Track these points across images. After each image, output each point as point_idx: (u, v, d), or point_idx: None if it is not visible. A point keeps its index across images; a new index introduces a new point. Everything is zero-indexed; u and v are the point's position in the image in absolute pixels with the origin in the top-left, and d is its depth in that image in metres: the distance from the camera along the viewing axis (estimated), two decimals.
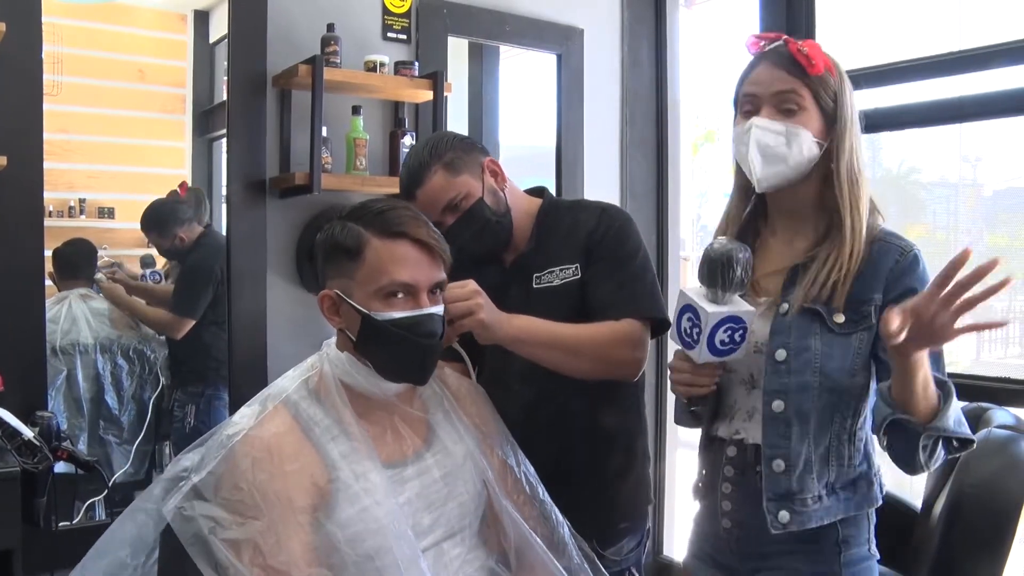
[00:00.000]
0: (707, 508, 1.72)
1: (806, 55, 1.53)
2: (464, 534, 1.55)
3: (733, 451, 1.64)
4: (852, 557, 1.58)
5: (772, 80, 1.56)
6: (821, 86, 1.55)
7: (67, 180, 3.15)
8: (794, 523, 1.54)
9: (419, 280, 1.46)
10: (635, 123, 3.62)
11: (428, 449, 1.56)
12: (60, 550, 2.18)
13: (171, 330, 3.13)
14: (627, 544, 1.97)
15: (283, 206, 2.83)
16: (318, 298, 1.53)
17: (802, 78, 1.55)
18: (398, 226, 1.46)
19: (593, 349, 1.80)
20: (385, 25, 3.02)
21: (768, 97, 1.56)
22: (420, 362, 1.50)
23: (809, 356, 1.54)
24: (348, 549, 1.38)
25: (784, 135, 1.54)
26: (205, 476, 1.37)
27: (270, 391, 1.53)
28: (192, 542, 1.33)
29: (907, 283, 1.53)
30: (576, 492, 1.78)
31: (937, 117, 2.78)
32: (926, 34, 2.98)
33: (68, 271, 3.03)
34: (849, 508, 1.58)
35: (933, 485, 2.13)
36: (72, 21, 3.08)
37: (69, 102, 3.02)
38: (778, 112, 1.55)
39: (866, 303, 1.54)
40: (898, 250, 1.56)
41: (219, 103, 3.34)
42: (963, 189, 3.50)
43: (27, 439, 2.03)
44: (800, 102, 1.55)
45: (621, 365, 1.85)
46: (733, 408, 1.66)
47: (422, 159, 1.88)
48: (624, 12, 3.60)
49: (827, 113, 1.57)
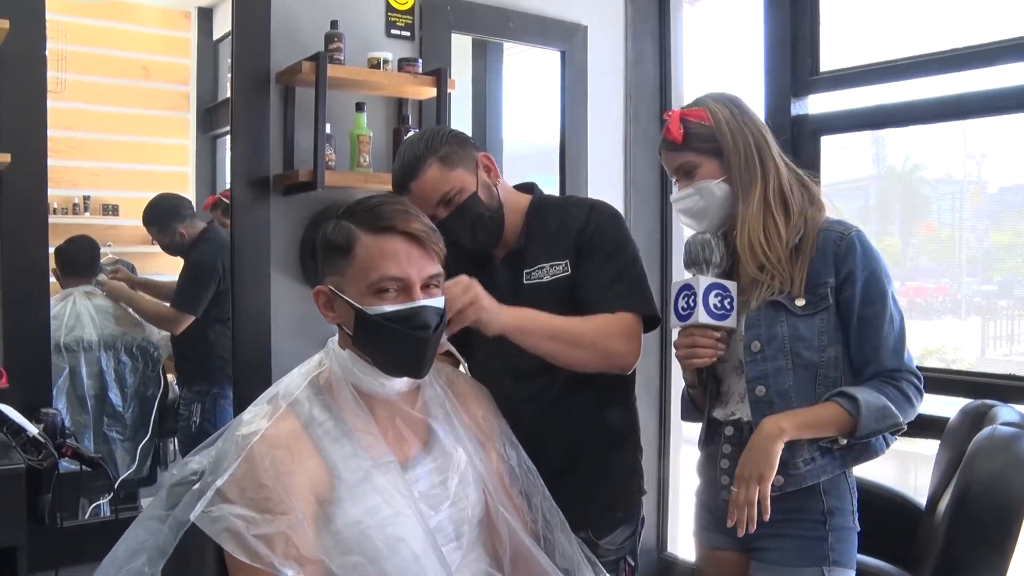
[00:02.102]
0: (708, 482, 1.95)
1: (668, 129, 1.86)
2: (463, 539, 1.55)
3: (730, 431, 1.87)
4: (836, 524, 1.78)
5: (668, 161, 1.91)
6: (697, 142, 1.85)
7: (71, 177, 3.16)
8: (790, 484, 1.75)
9: (410, 273, 1.45)
10: (639, 120, 3.62)
11: (429, 453, 1.55)
12: (64, 547, 2.19)
13: (171, 325, 3.14)
14: (622, 533, 1.99)
15: (287, 203, 2.83)
16: (312, 293, 1.54)
17: (679, 149, 1.86)
18: (387, 220, 1.46)
19: (593, 341, 1.83)
20: (389, 22, 3.02)
21: (673, 173, 1.91)
22: (416, 355, 1.49)
23: (778, 342, 1.78)
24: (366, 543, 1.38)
25: (695, 194, 1.85)
26: (227, 479, 1.37)
27: (277, 389, 1.53)
28: (225, 538, 1.32)
29: (847, 267, 1.76)
30: (570, 485, 1.79)
31: (942, 114, 2.78)
32: (930, 30, 2.97)
33: (71, 268, 3.04)
34: (847, 462, 1.79)
35: (938, 482, 2.13)
36: (76, 18, 3.09)
37: (73, 99, 3.03)
38: (684, 179, 1.88)
39: (821, 286, 1.77)
40: (838, 235, 1.78)
41: (223, 100, 3.34)
42: (968, 186, 3.49)
43: (32, 436, 2.03)
44: (690, 165, 1.86)
45: (618, 357, 1.87)
46: (728, 394, 1.89)
47: (417, 151, 1.88)
48: (628, 9, 3.59)
49: (717, 154, 1.84)
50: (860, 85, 2.95)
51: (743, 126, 1.85)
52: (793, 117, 3.04)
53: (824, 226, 1.81)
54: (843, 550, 1.78)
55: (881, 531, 1.84)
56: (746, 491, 1.70)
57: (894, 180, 3.68)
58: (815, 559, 1.77)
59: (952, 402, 2.42)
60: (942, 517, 1.93)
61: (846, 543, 1.79)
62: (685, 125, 1.85)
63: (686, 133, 1.85)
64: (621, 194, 3.60)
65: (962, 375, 2.74)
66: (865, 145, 3.57)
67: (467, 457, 1.58)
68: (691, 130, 1.85)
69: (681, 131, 1.84)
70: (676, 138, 1.84)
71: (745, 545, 1.84)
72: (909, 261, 3.68)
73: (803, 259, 1.79)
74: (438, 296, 1.51)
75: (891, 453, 1.80)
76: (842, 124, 3.05)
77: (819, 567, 1.76)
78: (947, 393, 2.57)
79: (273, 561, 1.31)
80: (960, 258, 3.57)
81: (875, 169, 3.69)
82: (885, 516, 1.78)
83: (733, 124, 1.84)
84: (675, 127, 1.85)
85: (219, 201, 3.23)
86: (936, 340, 3.66)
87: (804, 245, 1.80)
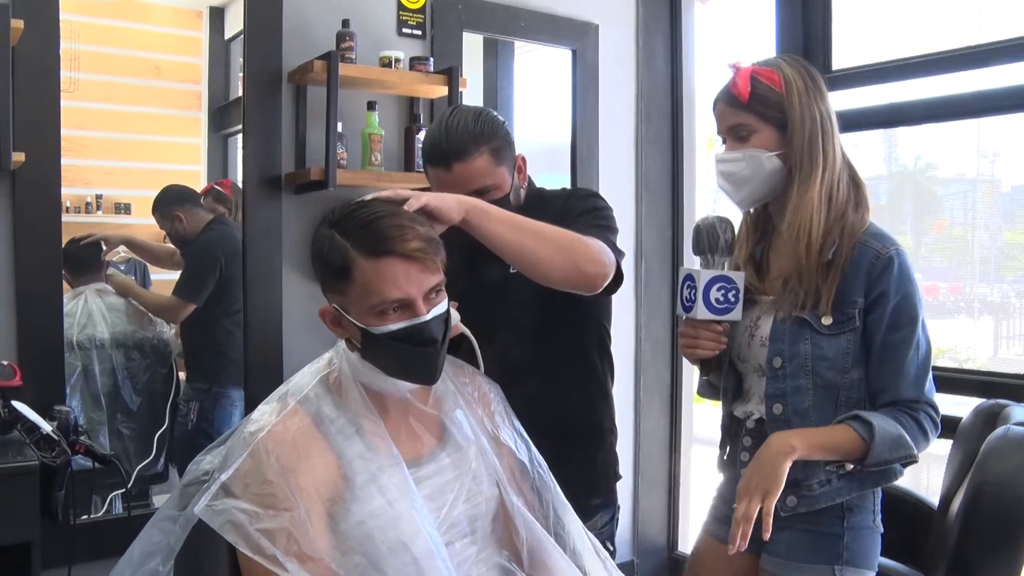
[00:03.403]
0: (729, 478, 1.91)
1: (737, 85, 1.71)
2: (477, 534, 1.55)
3: (752, 424, 1.82)
4: (855, 523, 1.72)
5: (721, 117, 1.77)
6: (762, 106, 1.71)
7: (83, 176, 3.17)
8: (802, 506, 1.72)
9: (411, 293, 1.42)
10: (650, 119, 3.62)
11: (443, 448, 1.55)
12: (78, 544, 2.20)
13: (173, 314, 3.14)
14: (600, 519, 2.02)
15: (298, 202, 2.83)
16: (319, 312, 1.53)
17: (742, 107, 1.72)
18: (383, 243, 1.41)
19: (559, 239, 1.69)
20: (400, 21, 3.02)
21: (725, 132, 1.77)
22: (425, 368, 1.49)
23: (800, 361, 1.71)
24: (368, 545, 1.38)
25: (742, 159, 1.72)
26: (232, 474, 1.37)
27: (288, 388, 1.53)
28: (227, 529, 1.33)
29: (880, 287, 1.67)
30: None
31: (955, 112, 2.77)
32: (943, 29, 2.96)
33: (77, 268, 3.05)
34: (864, 485, 1.72)
35: (951, 482, 2.13)
36: (89, 18, 3.09)
37: (85, 98, 3.04)
38: (735, 141, 1.74)
39: (850, 305, 1.68)
40: (874, 253, 1.68)
41: (235, 99, 3.35)
42: (981, 185, 3.48)
43: (45, 433, 2.04)
44: (747, 128, 1.72)
45: (590, 263, 1.72)
46: (749, 392, 1.85)
47: (472, 133, 1.80)
48: (639, 7, 3.59)
49: (780, 125, 1.71)
50: (873, 83, 2.94)
51: (814, 102, 1.71)
52: None
53: (862, 240, 1.69)
54: (859, 550, 1.72)
55: (893, 531, 1.83)
56: (747, 506, 1.61)
57: (905, 179, 3.67)
58: (827, 557, 1.71)
59: (965, 402, 2.41)
60: (955, 517, 1.93)
61: (864, 543, 1.73)
62: (754, 84, 1.71)
63: (753, 93, 1.70)
64: (632, 193, 3.60)
65: (975, 375, 2.73)
66: (877, 144, 3.56)
67: (480, 452, 1.58)
68: (759, 91, 1.71)
69: (749, 90, 1.70)
70: (741, 94, 1.70)
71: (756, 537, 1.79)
72: (921, 260, 3.67)
73: (835, 273, 1.69)
74: (442, 302, 1.49)
75: None
76: (855, 123, 3.03)
77: (831, 565, 1.70)
78: (960, 393, 2.57)
79: (276, 554, 1.31)
80: (973, 257, 3.56)
81: (886, 168, 3.68)
82: (897, 516, 1.76)
83: (805, 99, 1.70)
84: (743, 84, 1.70)
85: (212, 189, 3.24)
86: (949, 339, 3.65)
87: (838, 259, 1.69)
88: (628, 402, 3.58)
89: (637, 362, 3.60)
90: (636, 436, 3.64)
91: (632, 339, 3.58)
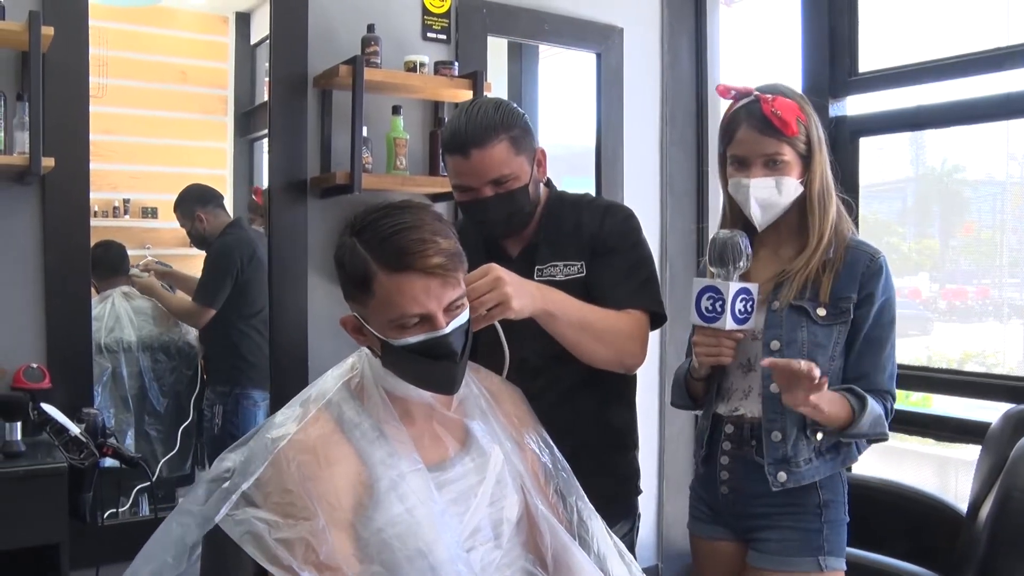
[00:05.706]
0: (706, 476, 1.99)
1: (780, 118, 1.79)
2: (502, 538, 1.54)
3: (731, 428, 1.91)
4: (831, 517, 1.86)
5: (756, 143, 1.83)
6: (797, 139, 1.82)
7: (111, 181, 3.20)
8: (791, 481, 1.83)
9: (431, 308, 1.42)
10: (675, 122, 3.61)
11: (467, 453, 1.55)
12: (105, 544, 2.22)
13: (194, 319, 3.17)
14: (620, 530, 1.98)
15: (324, 206, 2.85)
16: (341, 322, 1.53)
17: (780, 138, 1.81)
18: (404, 258, 1.40)
19: (614, 338, 1.83)
20: (425, 25, 3.03)
21: (756, 158, 1.83)
22: (443, 379, 1.49)
23: (798, 346, 1.83)
24: (386, 553, 1.38)
25: (775, 187, 1.83)
26: (253, 484, 1.38)
27: (311, 392, 1.53)
28: (247, 540, 1.33)
29: (870, 288, 1.82)
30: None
31: (984, 114, 2.74)
32: (971, 30, 2.94)
33: (103, 272, 3.08)
34: (835, 466, 1.87)
35: (979, 488, 2.11)
36: (117, 24, 3.13)
37: (113, 104, 3.07)
38: (765, 168, 1.83)
39: (844, 300, 1.83)
40: (868, 256, 1.84)
41: (260, 104, 3.37)
42: (1010, 187, 3.44)
43: (74, 435, 2.05)
44: (783, 158, 1.82)
45: (630, 356, 1.88)
46: (730, 390, 1.93)
47: (492, 120, 1.80)
48: (664, 10, 3.58)
49: (803, 156, 1.84)
50: (900, 86, 2.92)
51: (823, 129, 1.87)
52: (831, 119, 3.01)
53: (851, 244, 1.86)
54: (836, 541, 1.86)
55: (922, 537, 1.82)
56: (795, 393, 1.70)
57: (933, 181, 3.63)
58: (811, 550, 1.84)
59: (993, 407, 2.39)
60: (984, 524, 1.91)
61: (838, 534, 1.87)
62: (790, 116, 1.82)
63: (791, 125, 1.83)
64: (657, 196, 3.59)
65: (1004, 379, 2.70)
66: (904, 147, 3.53)
67: (504, 456, 1.58)
68: (800, 127, 1.83)
69: (794, 125, 1.81)
70: (793, 132, 1.80)
71: (743, 536, 1.92)
72: (949, 263, 3.63)
73: (830, 272, 1.83)
74: (463, 313, 1.49)
75: (930, 458, 1.81)
76: (882, 125, 3.02)
77: (815, 557, 1.84)
78: (988, 398, 2.54)
79: (292, 565, 1.30)
80: (1002, 260, 3.51)
81: (913, 170, 3.65)
82: (926, 522, 1.76)
83: (821, 130, 1.86)
84: (794, 121, 1.81)
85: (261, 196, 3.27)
86: (977, 344, 3.60)
87: (835, 259, 1.84)
88: (653, 406, 3.57)
89: (662, 366, 3.59)
90: (661, 441, 3.62)
91: (656, 343, 3.56)
